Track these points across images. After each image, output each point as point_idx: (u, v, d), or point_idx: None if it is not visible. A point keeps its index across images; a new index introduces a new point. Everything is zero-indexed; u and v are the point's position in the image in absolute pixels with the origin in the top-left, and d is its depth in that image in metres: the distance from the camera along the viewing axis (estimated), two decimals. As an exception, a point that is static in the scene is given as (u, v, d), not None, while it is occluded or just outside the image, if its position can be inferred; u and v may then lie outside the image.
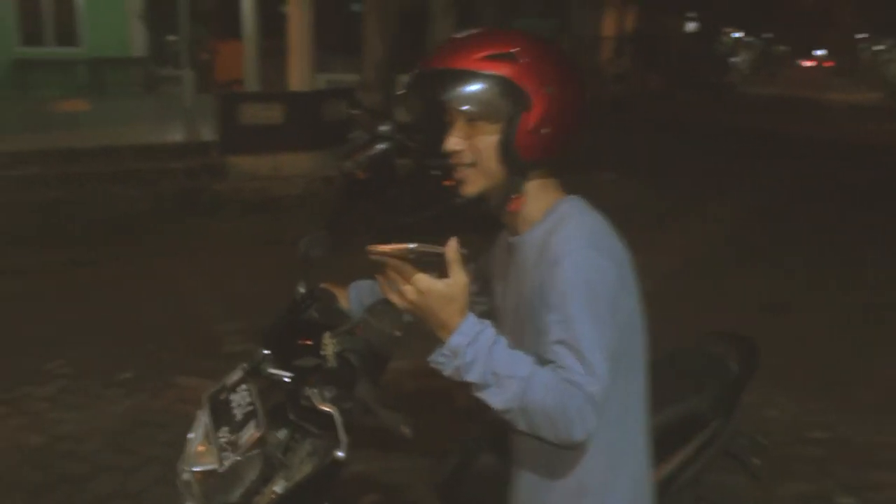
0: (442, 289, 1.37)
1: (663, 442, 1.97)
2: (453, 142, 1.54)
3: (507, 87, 1.46)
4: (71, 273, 6.18)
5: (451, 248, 1.37)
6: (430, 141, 1.65)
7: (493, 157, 1.51)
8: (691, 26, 32.51)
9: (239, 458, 1.67)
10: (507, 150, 1.49)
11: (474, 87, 1.47)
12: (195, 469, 1.73)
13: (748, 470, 2.36)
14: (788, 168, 12.16)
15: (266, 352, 1.81)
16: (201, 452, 1.76)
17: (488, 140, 1.50)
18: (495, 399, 1.38)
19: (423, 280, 1.37)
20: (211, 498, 1.72)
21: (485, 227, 6.56)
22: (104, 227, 7.35)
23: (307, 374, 1.73)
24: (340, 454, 1.61)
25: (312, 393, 1.67)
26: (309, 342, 1.78)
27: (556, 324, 1.41)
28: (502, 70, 1.46)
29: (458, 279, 1.38)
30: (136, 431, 3.75)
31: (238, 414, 1.74)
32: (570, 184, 1.60)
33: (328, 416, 1.61)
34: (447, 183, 6.03)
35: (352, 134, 7.25)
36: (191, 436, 1.80)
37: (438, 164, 5.93)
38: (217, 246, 7.03)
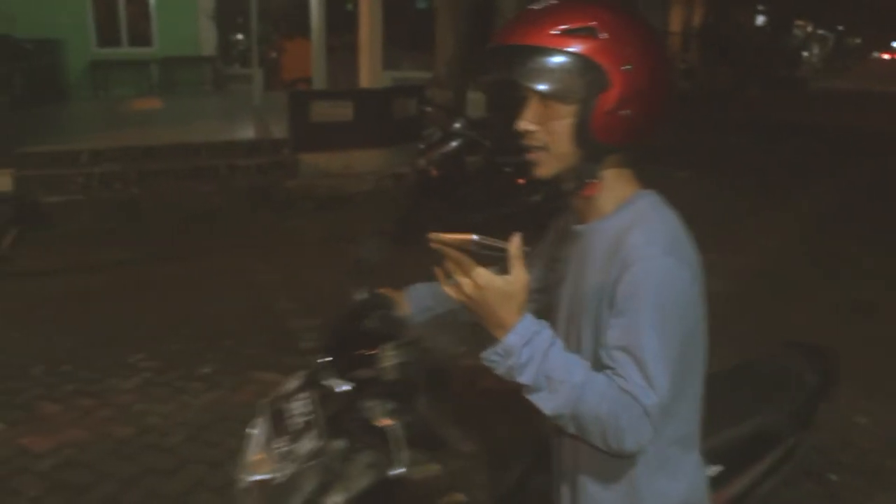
0: (501, 285, 1.31)
1: (735, 457, 1.93)
2: (525, 122, 1.44)
3: (584, 65, 1.35)
4: (150, 268, 6.33)
5: (515, 244, 1.31)
6: (504, 122, 1.59)
7: (567, 140, 1.41)
8: (761, 19, 31.75)
9: (297, 468, 1.65)
10: (582, 132, 1.39)
11: (548, 65, 1.36)
12: (253, 478, 1.71)
13: (825, 487, 2.28)
14: (864, 165, 11.78)
15: (326, 359, 1.79)
16: (259, 461, 1.74)
17: (563, 121, 1.40)
18: (547, 403, 1.35)
19: (483, 274, 1.31)
20: None
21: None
22: (181, 222, 7.50)
23: (366, 385, 1.69)
24: (399, 471, 1.58)
25: (371, 406, 1.65)
26: (371, 352, 1.72)
27: (620, 328, 1.36)
28: (579, 46, 1.35)
29: (518, 276, 1.32)
30: (218, 425, 3.81)
31: (297, 423, 1.71)
32: (644, 180, 1.50)
33: (386, 430, 1.59)
34: (519, 181, 5.99)
35: (425, 131, 7.25)
36: (249, 442, 1.78)
37: (510, 161, 5.91)
38: (291, 242, 7.11)
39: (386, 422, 1.59)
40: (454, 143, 6.82)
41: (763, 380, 2.24)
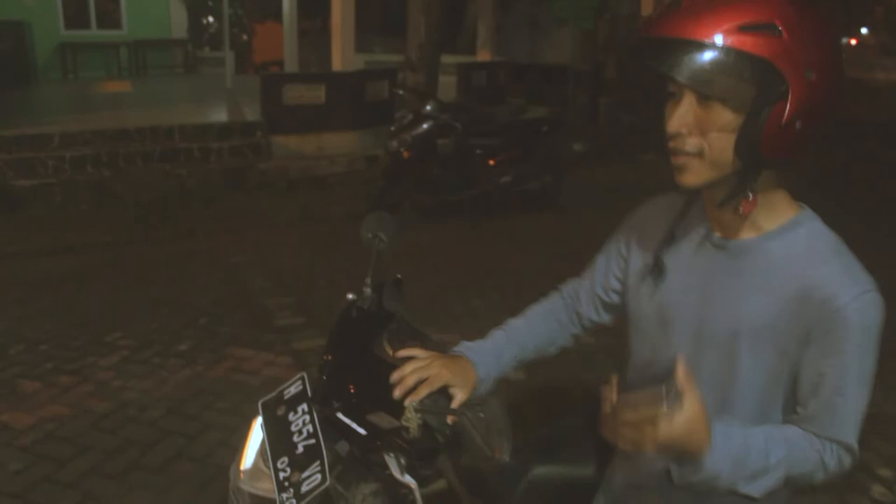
0: (680, 428, 1.20)
1: None
2: (678, 123, 1.26)
3: (761, 69, 1.16)
4: (124, 250, 6.38)
5: (682, 370, 1.21)
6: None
7: (728, 149, 1.23)
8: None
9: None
10: (748, 143, 1.21)
11: (719, 66, 1.17)
12: (250, 490, 1.66)
13: None
14: (833, 153, 11.99)
15: (328, 357, 1.69)
16: (258, 472, 1.68)
17: (726, 129, 1.22)
18: (754, 489, 1.30)
19: (663, 426, 1.20)
20: None
21: (532, 207, 6.60)
22: (155, 205, 7.53)
23: (382, 434, 1.58)
24: None
25: (390, 460, 1.55)
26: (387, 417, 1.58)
27: (828, 376, 1.28)
28: (759, 47, 1.16)
29: (692, 409, 1.20)
30: (195, 399, 3.91)
31: (299, 446, 1.61)
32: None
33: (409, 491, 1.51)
34: (490, 162, 6.13)
35: (397, 114, 7.34)
36: (249, 443, 1.72)
37: (482, 143, 6.04)
38: (264, 223, 7.17)
39: (408, 480, 1.52)
40: (425, 126, 6.92)
41: None
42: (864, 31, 54.80)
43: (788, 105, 1.18)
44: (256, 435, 1.70)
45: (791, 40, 1.17)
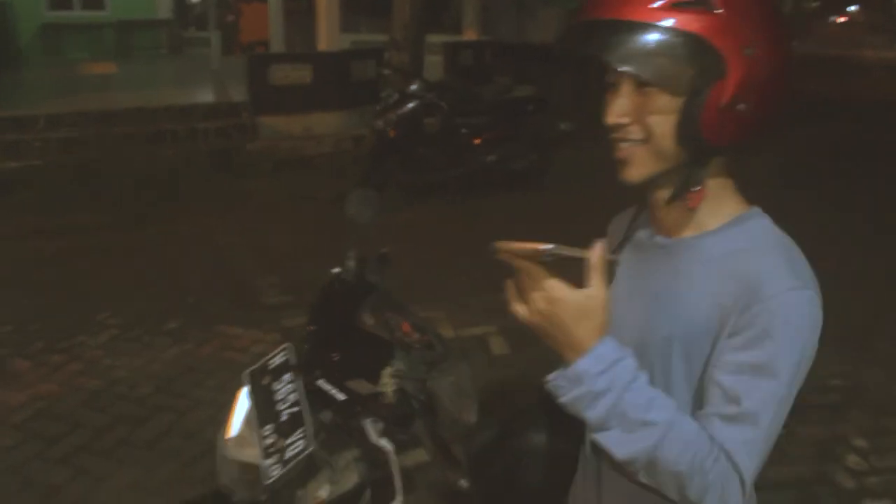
0: (579, 299, 1.12)
1: None
2: (618, 112, 1.17)
3: (696, 47, 1.10)
4: (111, 231, 6.40)
5: (596, 252, 1.12)
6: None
7: (669, 136, 1.15)
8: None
9: (285, 470, 1.63)
10: (688, 128, 1.13)
11: (653, 46, 1.11)
12: (237, 457, 1.72)
13: None
14: (820, 131, 12.05)
15: (311, 345, 1.74)
16: (244, 440, 1.73)
17: (665, 115, 1.15)
18: (619, 447, 1.14)
19: (558, 287, 1.11)
20: (250, 488, 1.73)
21: (518, 186, 6.65)
22: (141, 186, 7.55)
23: (361, 400, 1.64)
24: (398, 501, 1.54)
25: (368, 425, 1.61)
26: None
27: (739, 371, 1.14)
28: (692, 24, 1.10)
29: (599, 291, 1.12)
30: (184, 377, 3.97)
31: (283, 413, 1.67)
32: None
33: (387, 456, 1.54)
34: (475, 141, 6.17)
35: (383, 93, 7.37)
36: (235, 411, 1.78)
37: (467, 122, 6.08)
38: (251, 203, 7.21)
39: (383, 445, 1.54)
40: (411, 105, 6.95)
41: None
42: (851, 8, 54.71)
43: (728, 84, 1.11)
44: (242, 404, 1.77)
45: (727, 16, 1.10)
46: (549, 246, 1.07)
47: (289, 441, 1.66)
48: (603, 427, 1.14)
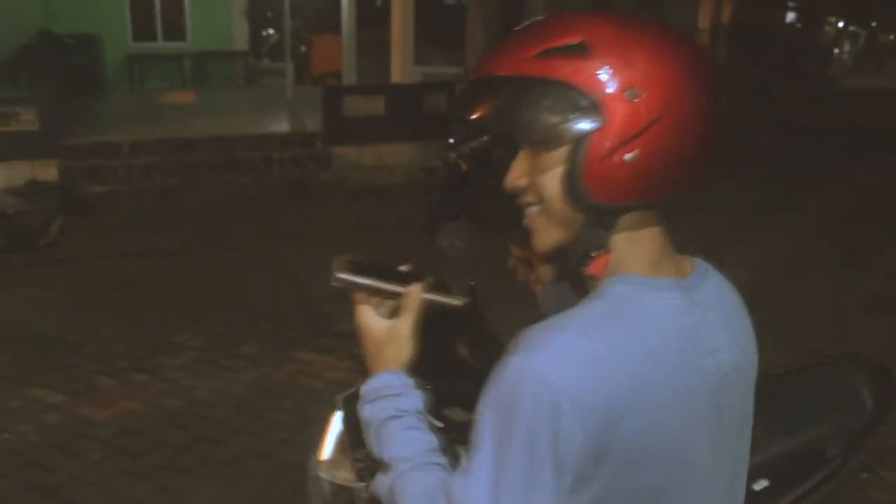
0: (377, 329, 1.19)
1: (783, 473, 1.84)
2: (513, 176, 1.10)
3: (568, 95, 0.99)
4: (190, 256, 6.62)
5: (412, 294, 1.18)
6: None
7: (559, 196, 1.04)
8: (792, 16, 31.59)
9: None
10: (572, 187, 1.02)
11: (523, 100, 1.01)
12: (329, 479, 1.78)
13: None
14: (893, 166, 11.80)
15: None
16: (337, 462, 1.79)
17: (551, 173, 1.04)
18: (377, 482, 1.16)
19: (363, 314, 1.21)
20: None
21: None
22: (219, 212, 7.79)
23: (456, 427, 1.61)
24: None
25: (462, 452, 1.66)
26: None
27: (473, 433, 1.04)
28: (561, 71, 0.99)
29: (398, 329, 1.17)
30: (262, 399, 4.08)
31: None
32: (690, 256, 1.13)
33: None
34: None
35: (455, 126, 7.47)
36: (328, 435, 1.84)
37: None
38: (325, 232, 7.36)
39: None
40: (484, 138, 7.02)
41: (818, 392, 2.10)
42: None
43: (607, 132, 0.98)
44: (335, 428, 1.85)
45: (602, 58, 0.99)
46: (341, 276, 1.16)
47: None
48: (374, 455, 1.17)
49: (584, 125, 0.98)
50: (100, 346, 4.68)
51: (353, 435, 1.75)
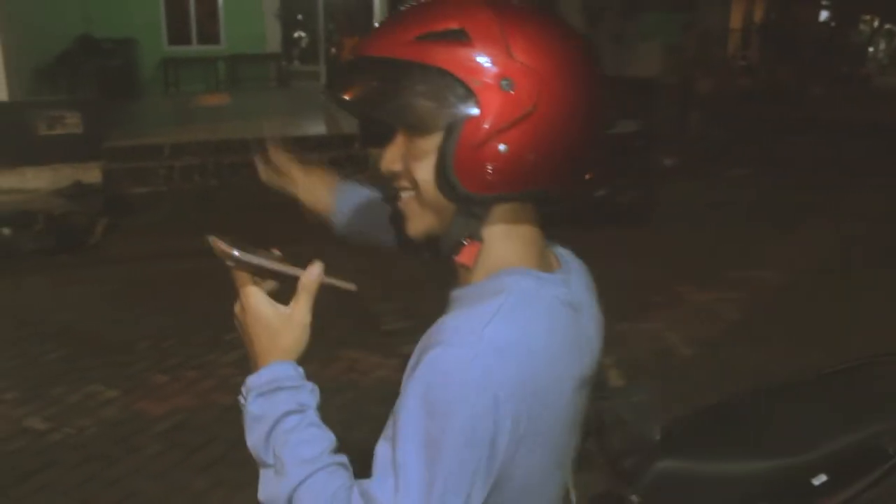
0: (270, 315, 1.09)
1: (842, 468, 1.84)
2: (387, 161, 1.08)
3: (444, 82, 0.98)
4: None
5: (311, 274, 1.11)
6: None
7: (431, 184, 1.03)
8: (825, 15, 31.28)
9: None
10: (444, 172, 1.00)
11: (399, 84, 1.00)
12: None
13: None
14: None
15: None
16: None
17: (424, 160, 1.03)
18: (264, 484, 1.05)
19: (254, 296, 1.10)
20: None
21: (623, 221, 6.73)
22: (260, 212, 7.87)
23: None
24: None
25: None
26: None
27: (385, 437, 0.99)
28: (438, 57, 0.98)
29: (297, 314, 1.10)
30: (312, 396, 4.15)
31: None
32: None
33: None
34: (588, 176, 6.27)
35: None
36: None
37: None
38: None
39: None
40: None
41: (876, 388, 2.10)
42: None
43: (481, 121, 0.97)
44: None
45: (480, 45, 0.97)
46: (235, 253, 1.04)
47: None
48: (259, 460, 1.05)
49: (458, 113, 0.98)
50: (151, 344, 4.79)
51: None
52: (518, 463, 1.01)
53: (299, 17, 18.91)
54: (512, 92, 0.97)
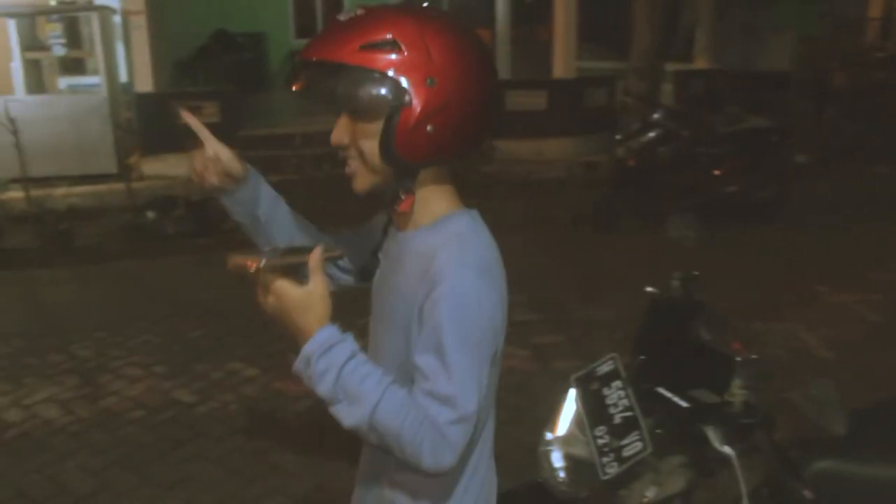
0: (300, 295, 1.32)
1: None
2: (337, 136, 1.40)
3: (383, 82, 1.29)
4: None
5: (315, 256, 1.33)
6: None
7: (376, 155, 1.36)
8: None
9: (622, 468, 1.74)
10: (387, 150, 1.34)
11: (348, 83, 1.30)
12: (567, 452, 1.85)
13: None
14: None
15: (642, 357, 1.87)
16: (572, 438, 1.86)
17: (369, 138, 1.35)
18: (344, 417, 1.31)
19: (282, 286, 1.32)
20: (573, 483, 1.86)
21: (756, 218, 6.47)
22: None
23: (704, 408, 1.73)
24: None
25: (710, 433, 1.69)
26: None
27: (428, 350, 1.31)
28: (381, 63, 1.28)
29: (316, 288, 1.32)
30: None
31: (616, 417, 1.80)
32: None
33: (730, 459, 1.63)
34: (716, 172, 6.07)
35: (622, 121, 7.43)
36: (563, 412, 1.92)
37: (708, 152, 6.01)
38: (490, 224, 7.43)
39: (728, 451, 1.64)
40: (651, 134, 6.96)
41: None
42: None
43: (413, 110, 1.30)
44: (570, 406, 1.92)
45: (411, 55, 1.29)
46: (262, 262, 1.29)
47: (623, 442, 1.78)
48: (332, 401, 1.31)
49: (397, 104, 1.30)
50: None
51: (593, 412, 1.83)
52: (499, 350, 1.41)
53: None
54: (434, 87, 1.30)
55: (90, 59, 10.36)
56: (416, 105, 1.30)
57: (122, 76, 10.46)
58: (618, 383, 1.83)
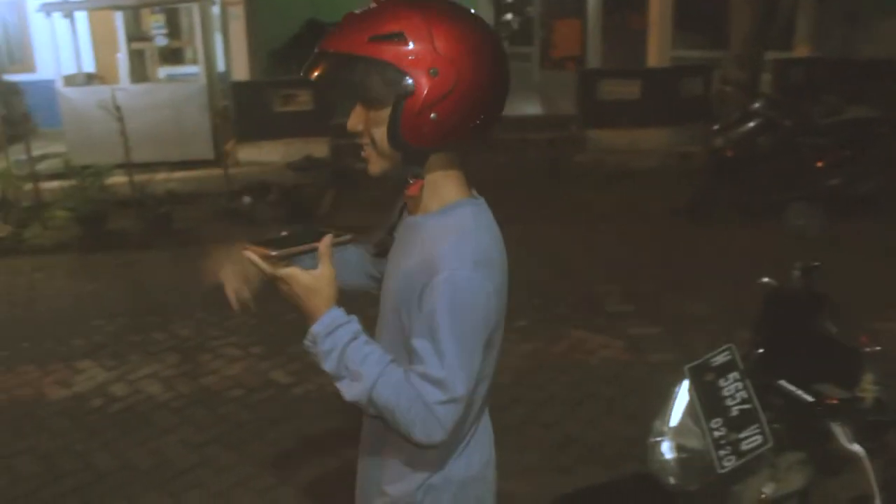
0: (308, 280, 1.42)
1: None
2: (352, 123, 1.49)
3: (391, 72, 1.37)
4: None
5: (324, 243, 1.43)
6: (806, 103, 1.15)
7: (385, 141, 1.43)
8: None
9: (740, 462, 1.69)
10: (394, 136, 1.41)
11: (359, 74, 1.39)
12: (679, 443, 1.81)
13: None
14: None
15: (760, 350, 1.80)
16: (685, 430, 1.82)
17: (380, 125, 1.43)
18: (346, 391, 1.43)
19: (292, 273, 1.43)
20: (684, 476, 1.82)
21: (860, 213, 6.15)
22: (480, 190, 8.00)
23: (829, 403, 1.66)
24: None
25: (837, 429, 1.63)
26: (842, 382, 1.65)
27: (424, 335, 1.40)
28: (388, 54, 1.36)
29: (324, 272, 1.43)
30: (538, 372, 4.20)
31: (732, 409, 1.75)
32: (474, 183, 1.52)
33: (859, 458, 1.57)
34: (818, 164, 5.79)
35: (722, 110, 7.22)
36: (674, 403, 1.88)
37: (810, 143, 5.74)
38: (585, 213, 7.38)
39: (857, 449, 1.58)
40: (751, 124, 6.74)
41: None
42: None
43: (417, 98, 1.37)
44: (682, 397, 1.87)
45: (416, 45, 1.36)
46: (273, 253, 1.40)
47: (741, 435, 1.72)
48: (336, 377, 1.43)
49: (402, 93, 1.37)
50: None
51: (708, 404, 1.78)
52: (494, 337, 1.49)
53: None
54: (438, 77, 1.36)
55: (188, 48, 10.66)
56: (420, 93, 1.37)
57: (220, 65, 10.73)
58: (735, 374, 1.78)
